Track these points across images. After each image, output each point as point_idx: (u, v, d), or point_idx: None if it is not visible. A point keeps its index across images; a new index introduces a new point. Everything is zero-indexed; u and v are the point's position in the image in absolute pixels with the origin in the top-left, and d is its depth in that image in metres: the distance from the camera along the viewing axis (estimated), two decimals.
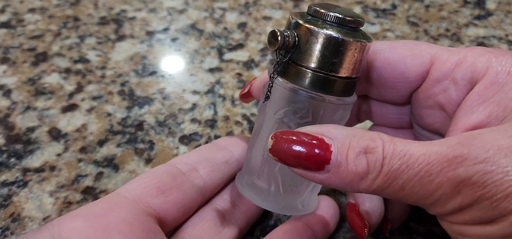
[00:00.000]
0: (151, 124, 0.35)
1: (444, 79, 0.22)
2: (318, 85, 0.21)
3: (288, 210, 0.25)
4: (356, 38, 0.21)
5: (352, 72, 0.22)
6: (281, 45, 0.21)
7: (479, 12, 0.51)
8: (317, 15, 0.21)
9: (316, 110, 0.22)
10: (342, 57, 0.21)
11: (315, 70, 0.21)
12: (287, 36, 0.21)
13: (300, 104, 0.22)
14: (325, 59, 0.21)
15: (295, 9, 0.51)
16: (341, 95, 0.22)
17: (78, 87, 0.39)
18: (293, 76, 0.22)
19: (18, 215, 0.28)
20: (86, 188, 0.30)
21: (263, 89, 0.23)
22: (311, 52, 0.21)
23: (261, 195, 0.25)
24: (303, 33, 0.21)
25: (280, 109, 0.23)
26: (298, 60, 0.21)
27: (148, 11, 0.51)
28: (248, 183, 0.25)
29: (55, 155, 0.32)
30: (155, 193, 0.23)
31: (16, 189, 0.30)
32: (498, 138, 0.17)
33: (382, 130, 0.28)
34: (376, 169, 0.18)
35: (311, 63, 0.21)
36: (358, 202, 0.25)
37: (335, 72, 0.21)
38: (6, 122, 0.35)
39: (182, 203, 0.24)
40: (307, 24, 0.21)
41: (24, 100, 0.37)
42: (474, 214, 0.17)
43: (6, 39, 0.45)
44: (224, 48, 0.45)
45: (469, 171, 0.17)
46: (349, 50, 0.21)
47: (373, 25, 0.49)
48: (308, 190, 0.25)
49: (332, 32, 0.20)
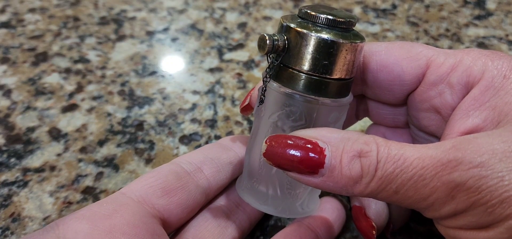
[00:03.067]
0: (151, 124, 0.35)
1: (439, 83, 0.22)
2: (310, 88, 0.21)
3: (287, 213, 0.25)
4: (346, 39, 0.21)
5: (345, 74, 0.21)
6: (270, 49, 0.21)
7: (479, 12, 0.51)
8: (307, 17, 0.21)
9: (309, 113, 0.22)
10: (334, 59, 0.21)
11: (307, 73, 0.21)
12: (276, 40, 0.21)
13: (293, 108, 0.22)
14: (316, 62, 0.21)
15: (295, 9, 0.51)
16: (335, 96, 0.22)
17: (78, 87, 0.39)
18: (285, 79, 0.22)
19: (18, 215, 0.28)
20: (86, 188, 0.30)
21: (258, 93, 0.23)
22: (302, 55, 0.21)
23: (260, 198, 0.25)
24: (293, 37, 0.21)
25: (274, 113, 0.23)
26: (290, 63, 0.21)
27: (148, 11, 0.51)
28: (247, 187, 0.25)
29: (55, 155, 0.32)
30: (160, 194, 0.23)
31: (16, 189, 0.30)
32: (492, 142, 0.17)
33: (379, 128, 0.28)
34: (370, 173, 0.18)
35: (303, 66, 0.21)
36: (364, 204, 0.25)
37: (327, 74, 0.21)
38: (6, 122, 0.35)
39: (186, 204, 0.24)
40: (297, 27, 0.21)
41: (24, 100, 0.37)
42: (469, 219, 0.17)
43: (6, 39, 0.45)
44: (224, 48, 0.45)
45: (464, 175, 0.17)
46: (340, 51, 0.21)
47: (373, 25, 0.49)
48: (307, 193, 0.25)
49: (322, 35, 0.20)
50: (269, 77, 0.22)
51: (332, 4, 0.53)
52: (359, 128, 0.35)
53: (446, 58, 0.22)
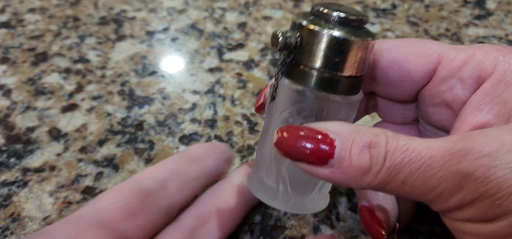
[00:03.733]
0: (151, 123, 0.35)
1: (451, 78, 0.22)
2: (321, 85, 0.21)
3: (297, 208, 0.25)
4: (358, 37, 0.21)
5: (356, 71, 0.22)
6: (282, 46, 0.21)
7: (479, 12, 0.51)
8: (319, 15, 0.21)
9: (320, 109, 0.22)
10: (345, 56, 0.21)
11: (318, 70, 0.21)
12: (288, 37, 0.21)
13: (304, 105, 0.22)
14: (328, 59, 0.21)
15: (295, 9, 0.51)
16: (345, 94, 0.22)
17: (78, 87, 0.39)
18: (297, 76, 0.22)
19: (18, 215, 0.28)
20: (86, 187, 0.30)
21: (269, 90, 0.23)
22: (314, 52, 0.21)
23: (270, 194, 0.25)
24: (305, 34, 0.21)
25: (285, 110, 0.23)
26: (302, 60, 0.21)
27: (148, 11, 0.51)
28: (258, 182, 0.25)
29: (55, 155, 0.32)
30: (122, 217, 0.22)
31: (16, 189, 0.30)
32: (502, 134, 0.17)
33: (387, 126, 0.28)
34: (379, 162, 0.18)
35: (314, 63, 0.21)
36: (373, 204, 0.25)
37: (338, 72, 0.21)
38: (6, 122, 0.35)
39: (149, 227, 0.23)
40: (309, 24, 0.21)
41: (24, 100, 0.37)
42: (476, 211, 0.17)
43: (6, 39, 0.45)
44: (224, 48, 0.44)
45: (472, 164, 0.17)
46: (352, 49, 0.21)
47: (373, 25, 0.49)
48: (317, 189, 0.25)
49: (334, 32, 0.20)
50: (281, 74, 0.22)
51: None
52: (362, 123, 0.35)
53: (457, 53, 0.22)
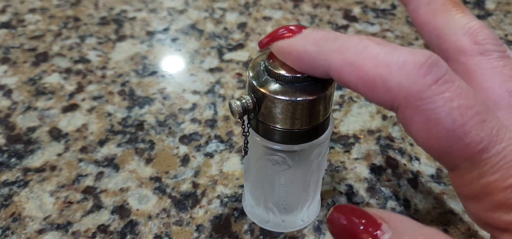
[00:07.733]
0: (151, 123, 0.35)
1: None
2: (286, 139, 0.22)
3: (289, 227, 0.27)
4: (314, 94, 0.20)
5: (319, 119, 0.21)
6: (241, 114, 0.21)
7: (478, 12, 0.52)
8: (270, 75, 0.20)
9: (291, 158, 0.23)
10: (303, 113, 0.20)
11: (280, 129, 0.21)
12: (244, 103, 0.21)
13: (275, 156, 0.23)
14: (286, 119, 0.21)
15: (295, 9, 0.52)
16: (313, 139, 0.22)
17: (79, 87, 0.39)
18: (262, 132, 0.22)
19: (19, 215, 0.28)
20: (87, 187, 0.30)
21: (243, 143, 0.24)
22: (272, 114, 0.21)
23: (262, 219, 0.27)
24: (260, 97, 0.20)
25: (259, 158, 0.24)
26: (264, 119, 0.21)
27: (148, 11, 0.51)
28: (251, 206, 0.28)
29: (56, 155, 0.32)
30: None
31: (16, 189, 0.30)
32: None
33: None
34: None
35: (275, 123, 0.21)
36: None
37: (301, 127, 0.21)
38: (7, 122, 0.35)
39: None
40: (261, 88, 0.20)
41: (25, 100, 0.37)
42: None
43: (7, 39, 0.45)
44: (224, 48, 0.45)
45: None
46: (310, 106, 0.20)
47: (372, 25, 0.49)
48: (306, 207, 0.27)
49: (286, 97, 0.20)
50: (248, 133, 0.23)
51: (331, 4, 0.53)
52: (364, 119, 0.35)
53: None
